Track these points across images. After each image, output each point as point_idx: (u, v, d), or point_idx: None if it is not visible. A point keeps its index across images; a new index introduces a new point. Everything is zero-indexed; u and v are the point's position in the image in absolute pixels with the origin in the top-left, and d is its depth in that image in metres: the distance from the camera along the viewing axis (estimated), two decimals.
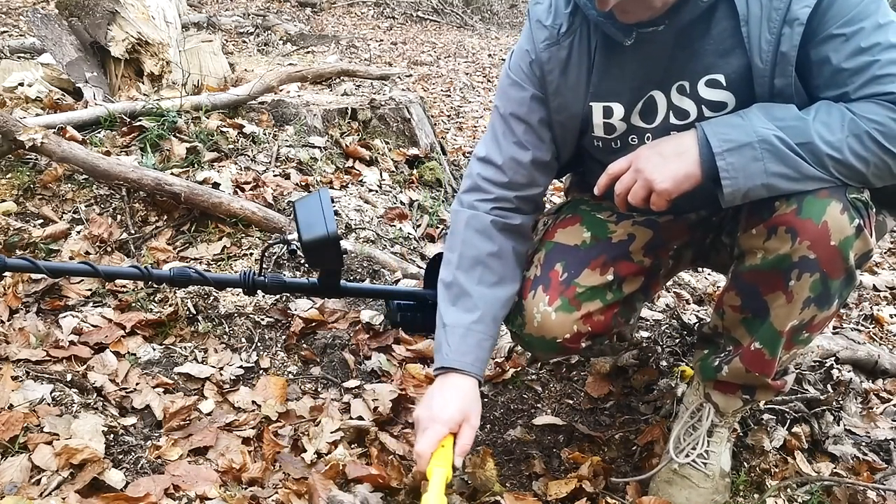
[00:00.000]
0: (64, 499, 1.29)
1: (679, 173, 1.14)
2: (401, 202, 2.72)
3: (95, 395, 1.59)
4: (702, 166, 1.13)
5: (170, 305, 1.92)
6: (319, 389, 1.77)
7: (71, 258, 2.10)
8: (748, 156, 1.10)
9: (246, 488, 1.41)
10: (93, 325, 1.83)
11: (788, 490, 1.49)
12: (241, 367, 1.78)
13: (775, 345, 1.26)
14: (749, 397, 1.38)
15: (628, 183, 1.20)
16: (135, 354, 1.78)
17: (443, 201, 2.93)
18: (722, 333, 1.38)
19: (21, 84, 3.06)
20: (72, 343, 1.75)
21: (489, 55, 8.24)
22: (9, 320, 1.81)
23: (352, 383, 1.78)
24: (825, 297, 1.18)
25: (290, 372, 1.81)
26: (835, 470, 1.57)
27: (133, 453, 1.46)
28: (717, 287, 2.60)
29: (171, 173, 2.34)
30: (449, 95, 6.14)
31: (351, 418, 1.63)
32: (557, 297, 1.36)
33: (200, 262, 2.15)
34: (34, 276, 1.89)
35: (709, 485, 1.42)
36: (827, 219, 1.11)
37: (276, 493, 1.39)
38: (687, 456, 1.42)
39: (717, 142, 1.12)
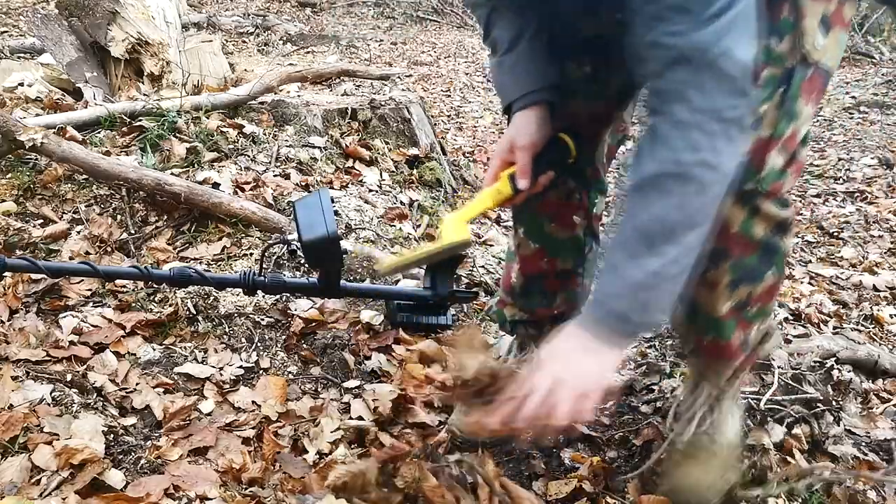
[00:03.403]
0: (64, 499, 1.29)
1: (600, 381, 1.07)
2: (401, 202, 2.72)
3: (95, 395, 1.59)
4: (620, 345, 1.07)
5: (170, 305, 1.92)
6: (319, 389, 1.77)
7: (71, 258, 2.10)
8: (643, 304, 1.03)
9: (246, 488, 1.41)
10: (93, 325, 1.82)
11: (789, 489, 1.48)
12: (241, 367, 1.78)
13: (721, 328, 1.26)
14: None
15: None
16: (135, 354, 1.78)
17: (443, 201, 2.93)
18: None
19: (21, 84, 3.07)
20: (72, 343, 1.75)
21: (489, 55, 8.23)
22: (9, 320, 1.81)
23: (352, 383, 1.78)
24: (751, 275, 1.20)
25: (290, 372, 1.81)
26: (835, 470, 1.56)
27: (133, 453, 1.46)
28: None
29: (171, 173, 2.34)
30: (449, 95, 6.14)
31: (351, 418, 1.63)
32: None
33: (200, 262, 2.15)
34: (34, 276, 1.89)
35: (717, 461, 1.39)
36: (727, 213, 1.11)
37: (276, 493, 1.39)
38: (692, 431, 1.40)
39: (611, 328, 1.05)
